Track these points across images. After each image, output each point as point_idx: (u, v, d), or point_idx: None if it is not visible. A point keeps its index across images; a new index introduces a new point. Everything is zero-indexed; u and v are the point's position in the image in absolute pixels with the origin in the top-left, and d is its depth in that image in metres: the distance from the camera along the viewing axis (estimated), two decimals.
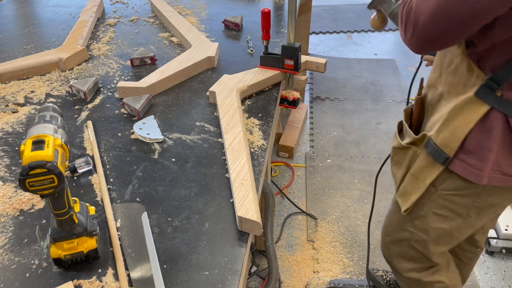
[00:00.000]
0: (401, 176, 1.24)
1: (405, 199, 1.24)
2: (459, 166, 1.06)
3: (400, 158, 1.23)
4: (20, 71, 1.54)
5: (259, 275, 1.92)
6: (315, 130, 2.90)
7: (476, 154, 1.03)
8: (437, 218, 1.20)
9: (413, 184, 1.19)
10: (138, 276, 0.87)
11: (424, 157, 1.13)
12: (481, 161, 1.02)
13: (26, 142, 0.75)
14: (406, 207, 1.23)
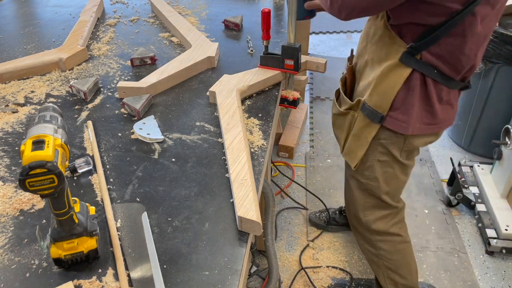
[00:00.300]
0: (344, 137, 1.43)
1: (352, 156, 1.41)
2: (390, 122, 1.27)
3: (341, 123, 1.42)
4: (20, 71, 1.54)
5: (259, 275, 1.92)
6: (315, 130, 2.90)
7: (402, 110, 1.24)
8: (381, 164, 1.38)
9: (357, 142, 1.37)
10: (138, 276, 0.87)
11: (362, 119, 1.32)
12: (407, 115, 1.24)
13: (26, 142, 0.75)
14: (355, 163, 1.41)
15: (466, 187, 2.30)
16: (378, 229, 1.52)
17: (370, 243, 1.57)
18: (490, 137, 2.42)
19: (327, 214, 2.17)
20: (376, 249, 1.56)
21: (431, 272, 1.98)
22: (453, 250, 2.08)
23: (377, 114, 1.26)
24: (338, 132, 1.47)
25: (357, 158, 1.39)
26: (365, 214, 1.52)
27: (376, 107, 1.26)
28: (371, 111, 1.27)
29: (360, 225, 1.57)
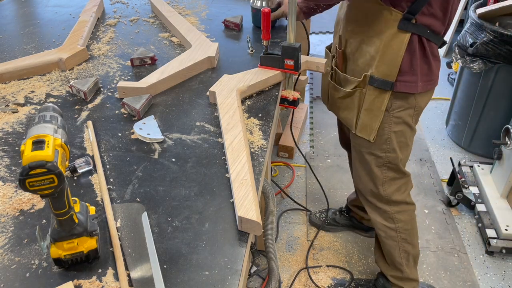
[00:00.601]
0: (355, 116, 1.49)
1: (367, 130, 1.48)
2: (400, 86, 1.38)
3: (348, 103, 1.49)
4: (20, 71, 1.54)
5: (259, 275, 1.92)
6: (315, 130, 2.90)
7: (409, 72, 1.36)
8: (396, 135, 1.47)
9: (370, 115, 1.45)
10: (138, 276, 0.87)
11: (371, 92, 1.41)
12: (414, 75, 1.36)
13: (26, 142, 0.75)
14: (372, 135, 1.48)
15: (466, 187, 2.30)
16: (397, 199, 1.59)
17: (389, 218, 1.63)
18: (490, 137, 2.42)
19: (327, 215, 2.18)
20: (394, 223, 1.62)
21: (431, 272, 1.98)
22: (453, 250, 2.08)
23: (387, 82, 1.37)
24: (345, 113, 1.52)
25: (374, 129, 1.46)
26: (385, 188, 1.58)
27: (385, 76, 1.36)
28: (381, 81, 1.37)
29: (380, 201, 1.61)
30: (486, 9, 2.47)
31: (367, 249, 2.09)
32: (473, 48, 2.36)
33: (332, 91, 1.56)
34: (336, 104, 1.57)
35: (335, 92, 1.54)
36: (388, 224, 1.63)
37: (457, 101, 2.79)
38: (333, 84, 1.54)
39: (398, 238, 1.64)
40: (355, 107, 1.48)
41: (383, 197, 1.60)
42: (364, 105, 1.45)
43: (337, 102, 1.55)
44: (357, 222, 2.11)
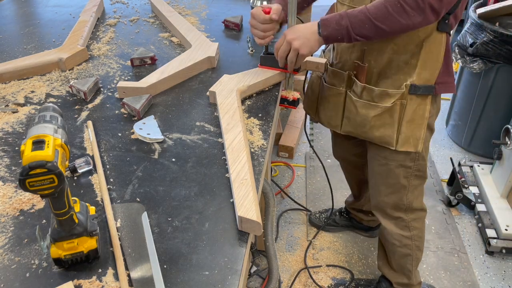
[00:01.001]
0: (395, 131, 1.36)
1: (413, 142, 1.36)
2: (439, 88, 1.32)
3: (386, 119, 1.35)
4: (20, 71, 1.54)
5: (259, 275, 1.92)
6: (315, 130, 2.90)
7: (445, 72, 1.31)
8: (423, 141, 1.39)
9: (413, 126, 1.35)
10: (138, 276, 0.87)
11: (413, 101, 1.31)
12: (450, 76, 1.33)
13: (26, 142, 0.75)
14: (420, 146, 1.37)
15: (466, 187, 2.30)
16: (416, 206, 1.54)
17: (405, 226, 1.57)
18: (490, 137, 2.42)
19: (327, 215, 2.18)
20: (410, 231, 1.58)
21: (431, 272, 1.98)
22: (453, 250, 2.08)
23: (430, 86, 1.30)
24: (382, 131, 1.37)
25: (420, 139, 1.37)
26: (408, 197, 1.52)
27: (427, 82, 1.30)
28: (424, 88, 1.30)
29: (398, 210, 1.55)
30: (486, 9, 2.47)
31: (367, 249, 2.09)
32: (473, 48, 2.36)
33: (362, 110, 1.37)
34: (368, 124, 1.38)
35: (367, 110, 1.36)
36: (404, 233, 1.58)
37: (457, 101, 2.79)
38: (365, 102, 1.36)
39: (412, 246, 1.60)
40: (395, 122, 1.34)
41: (405, 205, 1.53)
42: (406, 117, 1.33)
43: (371, 121, 1.37)
44: (357, 222, 2.11)
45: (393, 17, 1.10)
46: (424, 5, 1.07)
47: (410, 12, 1.09)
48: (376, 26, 1.12)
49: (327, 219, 2.16)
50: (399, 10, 1.09)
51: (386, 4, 1.10)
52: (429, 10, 1.09)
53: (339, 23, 1.15)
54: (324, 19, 1.18)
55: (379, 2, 1.11)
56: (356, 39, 1.15)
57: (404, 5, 1.08)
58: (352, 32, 1.14)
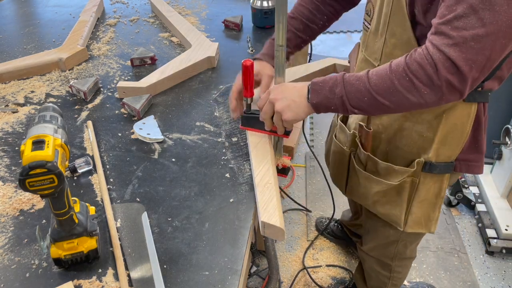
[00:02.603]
0: (403, 211, 1.15)
1: (424, 223, 1.17)
2: (462, 166, 1.07)
3: (393, 197, 1.14)
4: (20, 71, 1.54)
5: (259, 275, 1.92)
6: (315, 130, 2.90)
7: (472, 148, 1.05)
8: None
9: (427, 207, 1.14)
10: (138, 276, 0.87)
11: (429, 180, 1.09)
12: (478, 153, 1.06)
13: (26, 142, 0.75)
14: (434, 228, 1.18)
15: (466, 187, 2.30)
16: (405, 257, 1.42)
17: (388, 268, 1.46)
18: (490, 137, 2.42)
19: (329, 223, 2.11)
20: (390, 273, 1.47)
21: (431, 272, 1.98)
22: (453, 250, 2.08)
23: (449, 164, 1.07)
24: (387, 208, 1.17)
25: (434, 220, 1.16)
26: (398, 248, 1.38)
27: (446, 159, 1.06)
28: (442, 166, 1.06)
29: (385, 258, 1.44)
30: None
31: None
32: None
33: (363, 181, 1.19)
34: (370, 198, 1.20)
35: (369, 184, 1.17)
36: (384, 273, 1.48)
37: None
38: (367, 175, 1.17)
39: (388, 283, 1.52)
40: (403, 201, 1.13)
41: (392, 255, 1.40)
42: (418, 197, 1.12)
43: (373, 197, 1.18)
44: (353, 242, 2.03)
45: (399, 93, 0.84)
46: (440, 82, 0.80)
47: (422, 88, 0.82)
48: (378, 101, 0.87)
49: (327, 227, 2.11)
50: (408, 86, 0.83)
51: (391, 76, 0.84)
52: (447, 89, 0.81)
53: (333, 90, 0.91)
54: (316, 83, 0.94)
55: (384, 70, 0.86)
56: (354, 112, 0.91)
57: (414, 80, 0.82)
58: (347, 103, 0.90)
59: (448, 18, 0.78)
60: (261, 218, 0.93)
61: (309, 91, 0.94)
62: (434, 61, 0.79)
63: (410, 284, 1.90)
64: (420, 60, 0.81)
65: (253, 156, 1.10)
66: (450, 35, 0.77)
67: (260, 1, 1.82)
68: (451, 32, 0.77)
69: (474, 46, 0.76)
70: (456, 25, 0.76)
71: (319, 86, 0.93)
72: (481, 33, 0.76)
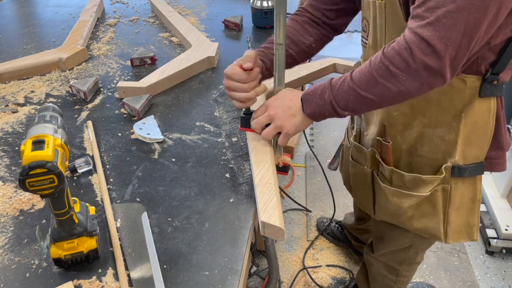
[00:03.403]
0: (441, 221, 1.11)
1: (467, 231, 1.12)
2: (488, 165, 1.05)
3: (427, 209, 1.10)
4: (20, 71, 1.54)
5: (259, 275, 1.92)
6: (315, 130, 2.90)
7: (492, 146, 1.02)
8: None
9: (465, 214, 1.10)
10: (138, 276, 0.87)
11: (460, 185, 1.05)
12: (499, 149, 1.03)
13: (26, 142, 0.75)
14: (476, 235, 1.13)
15: None
16: (413, 262, 1.42)
17: (395, 273, 1.45)
18: None
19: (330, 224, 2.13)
20: (397, 277, 1.46)
21: (431, 272, 1.98)
22: (453, 250, 2.08)
23: (479, 165, 1.03)
24: (424, 222, 1.12)
25: (475, 226, 1.12)
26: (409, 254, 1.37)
27: (474, 160, 1.03)
28: (472, 168, 1.03)
29: (393, 262, 1.43)
30: None
31: None
32: None
33: (393, 198, 1.12)
34: (404, 214, 1.13)
35: (399, 199, 1.11)
36: (391, 276, 1.47)
37: None
38: (395, 190, 1.10)
39: (394, 287, 1.51)
40: (439, 212, 1.09)
41: (401, 260, 1.39)
42: (453, 205, 1.07)
43: (407, 212, 1.12)
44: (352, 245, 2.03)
45: (379, 83, 0.83)
46: (416, 65, 0.78)
47: (399, 75, 0.81)
48: (362, 96, 0.86)
49: (327, 228, 2.11)
50: (386, 74, 0.82)
51: (370, 68, 0.84)
52: (425, 71, 0.79)
53: (322, 97, 0.91)
54: (306, 93, 0.95)
55: (365, 65, 0.87)
56: (344, 114, 0.92)
57: (390, 67, 0.81)
58: (336, 106, 0.90)
59: (421, 0, 0.78)
60: (261, 218, 0.93)
61: (302, 103, 0.95)
62: (408, 44, 0.78)
63: (410, 284, 1.90)
64: (395, 46, 0.80)
65: (253, 156, 1.10)
66: (424, 15, 0.77)
67: (260, 1, 1.82)
68: (424, 13, 0.77)
69: (446, 23, 0.75)
70: (429, 5, 0.76)
71: (310, 96, 0.94)
72: (452, 8, 0.74)
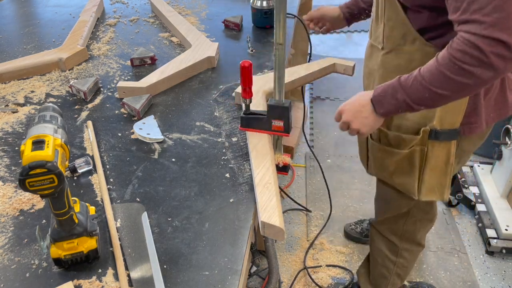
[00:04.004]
0: (416, 179, 1.22)
1: (438, 191, 1.24)
2: (466, 130, 1.15)
3: (406, 166, 1.22)
4: (20, 71, 1.54)
5: (259, 275, 1.92)
6: (315, 130, 2.90)
7: (472, 112, 1.12)
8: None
9: (438, 175, 1.21)
10: (138, 276, 0.87)
11: (436, 147, 1.17)
12: (478, 114, 1.12)
13: (26, 142, 0.75)
14: (447, 194, 1.25)
15: (466, 187, 2.30)
16: (414, 239, 1.47)
17: (394, 251, 1.51)
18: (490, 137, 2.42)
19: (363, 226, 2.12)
20: (397, 257, 1.51)
21: (431, 272, 1.98)
22: (453, 250, 2.08)
23: (454, 131, 1.14)
24: (402, 178, 1.26)
25: (446, 187, 1.24)
26: (406, 225, 1.44)
27: (451, 126, 1.13)
28: (448, 133, 1.14)
29: (394, 234, 1.49)
30: None
31: (367, 249, 2.09)
32: None
33: (379, 154, 1.28)
34: (387, 169, 1.29)
35: (384, 155, 1.26)
36: (390, 256, 1.52)
37: None
38: (381, 147, 1.26)
39: (393, 271, 1.55)
40: (415, 170, 1.22)
41: (400, 232, 1.46)
42: (428, 165, 1.20)
43: (389, 167, 1.27)
44: None
45: (455, 81, 0.90)
46: (488, 58, 0.84)
47: (474, 70, 0.87)
48: (438, 94, 0.94)
49: (363, 230, 2.10)
50: (461, 73, 0.89)
51: (440, 68, 0.91)
52: (499, 62, 0.85)
53: (395, 97, 0.99)
54: (376, 96, 1.03)
55: (432, 65, 0.94)
56: (420, 109, 1.00)
57: (463, 66, 0.88)
58: (412, 104, 0.98)
59: (464, 7, 0.86)
60: (261, 218, 0.93)
61: (374, 105, 1.04)
62: (474, 43, 0.85)
63: (410, 284, 1.90)
64: (461, 48, 0.87)
65: (253, 156, 1.10)
66: (475, 19, 0.85)
67: (260, 1, 1.82)
68: (473, 16, 0.85)
69: (499, 16, 0.82)
70: (474, 9, 0.84)
71: (381, 97, 1.02)
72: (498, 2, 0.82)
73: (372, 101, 1.04)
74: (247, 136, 1.19)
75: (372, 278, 1.68)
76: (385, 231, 1.52)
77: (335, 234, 2.17)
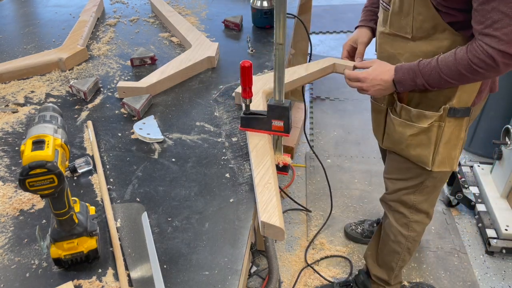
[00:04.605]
0: (431, 152, 1.37)
1: (449, 162, 1.39)
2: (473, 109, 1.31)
3: (423, 139, 1.36)
4: (20, 71, 1.54)
5: (259, 275, 1.92)
6: (315, 130, 2.90)
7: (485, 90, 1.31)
8: None
9: (449, 147, 1.36)
10: (138, 276, 0.87)
11: (452, 123, 1.31)
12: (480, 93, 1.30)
13: (26, 142, 0.75)
14: (456, 165, 1.41)
15: (466, 187, 2.30)
16: (422, 208, 1.55)
17: (405, 224, 1.59)
18: (490, 137, 2.42)
19: (363, 227, 2.15)
20: (408, 231, 1.60)
21: (431, 272, 1.98)
22: (453, 250, 2.08)
23: (468, 109, 1.30)
24: (418, 150, 1.39)
25: (455, 159, 1.39)
26: (416, 196, 1.53)
27: (465, 104, 1.29)
28: (464, 110, 1.30)
29: (404, 206, 1.56)
30: None
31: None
32: None
33: (399, 128, 1.39)
34: (404, 142, 1.40)
35: (403, 129, 1.38)
36: (402, 230, 1.60)
37: None
38: (402, 121, 1.38)
39: (404, 246, 1.62)
40: (432, 143, 1.35)
41: (411, 203, 1.54)
42: (443, 139, 1.34)
43: (407, 140, 1.39)
44: None
45: (467, 77, 1.15)
46: (498, 66, 1.10)
47: (486, 73, 1.12)
48: (451, 83, 1.19)
49: (363, 231, 2.13)
50: (475, 73, 1.13)
51: (459, 67, 1.14)
52: (504, 68, 1.11)
53: (414, 81, 1.21)
54: (398, 80, 1.24)
55: (451, 62, 1.15)
56: (433, 90, 1.26)
57: (478, 69, 1.12)
58: (428, 87, 1.22)
59: (487, 23, 1.07)
60: (261, 218, 0.93)
61: (395, 84, 1.26)
62: (490, 54, 1.09)
63: (410, 284, 1.90)
64: (480, 56, 1.11)
65: (253, 156, 1.10)
66: (495, 35, 1.07)
67: (260, 1, 1.82)
68: (494, 32, 1.07)
69: None
70: (496, 27, 1.06)
71: (402, 79, 1.24)
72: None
73: (394, 81, 1.25)
74: (247, 136, 1.19)
75: (381, 259, 1.71)
76: (396, 205, 1.58)
77: (335, 234, 2.17)
